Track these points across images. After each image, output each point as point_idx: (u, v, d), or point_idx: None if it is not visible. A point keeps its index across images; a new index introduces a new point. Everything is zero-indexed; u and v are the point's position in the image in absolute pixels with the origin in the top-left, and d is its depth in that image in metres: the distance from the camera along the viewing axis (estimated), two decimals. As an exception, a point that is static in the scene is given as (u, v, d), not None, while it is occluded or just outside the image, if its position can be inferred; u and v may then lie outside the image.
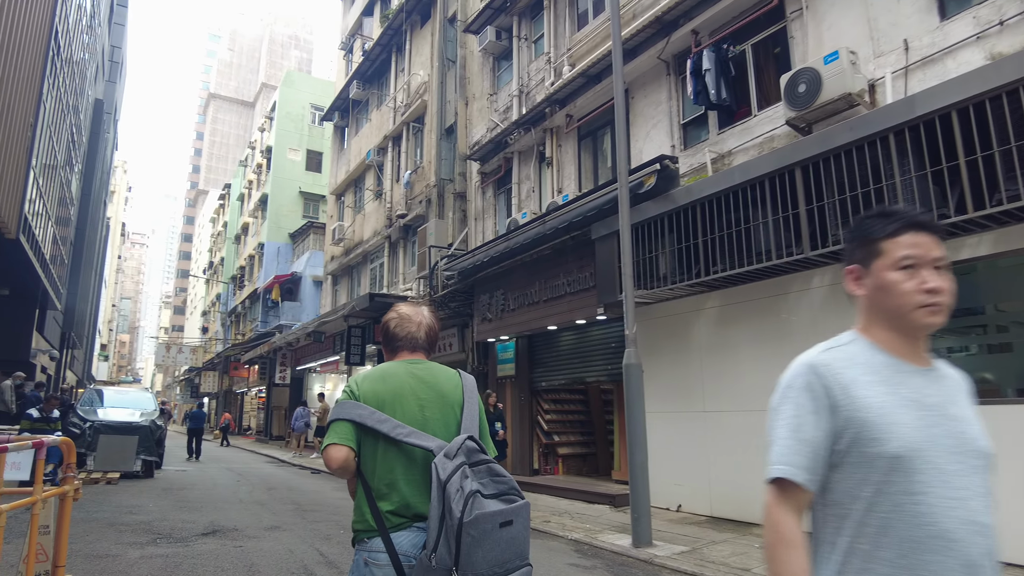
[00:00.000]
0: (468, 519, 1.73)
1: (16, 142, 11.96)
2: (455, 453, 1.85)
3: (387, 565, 1.87)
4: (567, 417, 11.95)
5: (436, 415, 2.01)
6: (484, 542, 1.75)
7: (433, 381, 2.07)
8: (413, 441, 1.91)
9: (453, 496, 1.76)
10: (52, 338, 23.60)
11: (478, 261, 12.05)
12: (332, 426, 1.95)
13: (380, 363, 2.75)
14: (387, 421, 1.94)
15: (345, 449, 1.90)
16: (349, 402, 1.98)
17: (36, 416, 10.02)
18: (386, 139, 20.45)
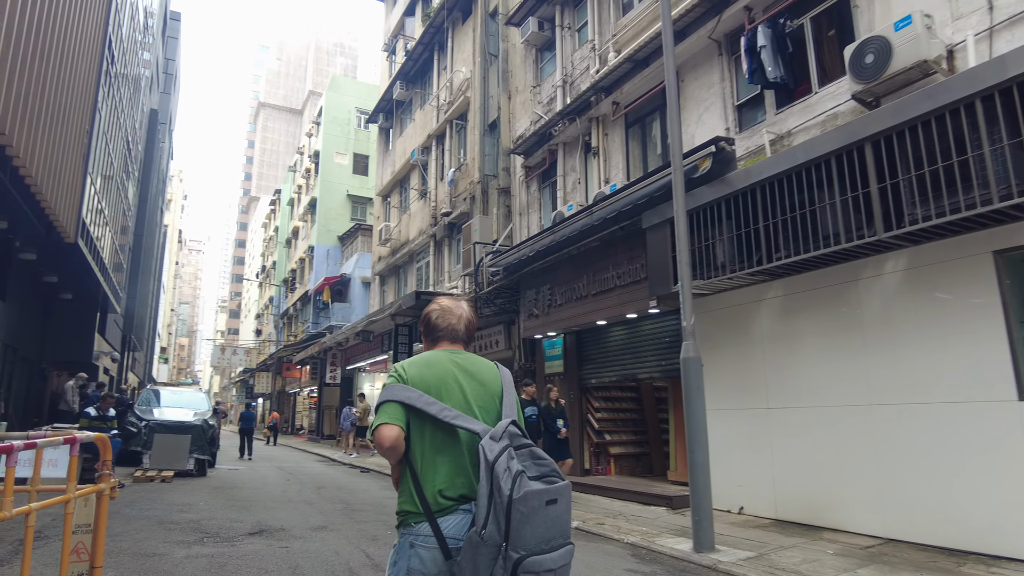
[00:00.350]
0: (517, 496, 1.80)
1: (73, 149, 12.27)
2: (500, 436, 1.92)
3: (433, 548, 1.93)
4: (619, 416, 11.55)
5: (478, 401, 2.08)
6: (532, 519, 1.81)
7: (474, 370, 2.16)
8: (460, 423, 1.98)
9: (501, 475, 1.83)
10: (113, 341, 24.41)
11: (523, 256, 11.76)
12: (382, 407, 2.01)
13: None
14: (435, 404, 2.00)
15: (396, 428, 1.96)
16: (397, 385, 2.04)
17: (93, 415, 10.21)
18: (430, 138, 20.38)
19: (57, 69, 10.57)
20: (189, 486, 10.61)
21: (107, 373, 23.80)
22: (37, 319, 17.35)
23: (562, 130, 12.91)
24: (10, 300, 14.68)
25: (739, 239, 7.82)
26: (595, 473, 11.12)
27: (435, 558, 1.93)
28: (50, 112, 10.51)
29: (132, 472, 11.22)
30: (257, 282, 63.24)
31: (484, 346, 15.08)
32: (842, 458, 7.05)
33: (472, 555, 1.86)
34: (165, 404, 14.91)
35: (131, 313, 27.56)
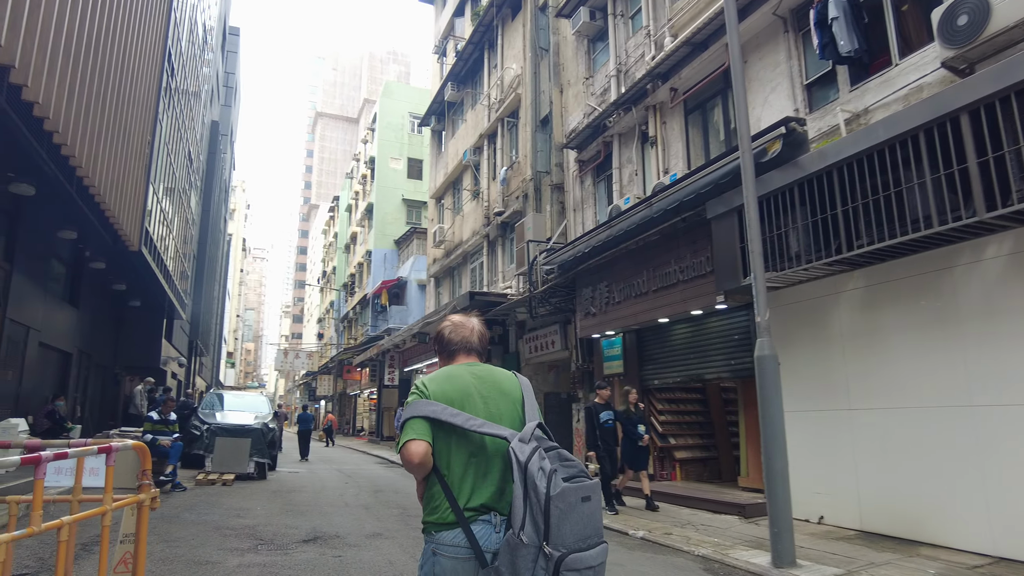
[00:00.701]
0: (555, 493, 1.81)
1: (135, 160, 12.56)
2: (529, 438, 1.95)
3: (454, 556, 1.96)
4: (684, 418, 10.98)
5: (499, 410, 2.10)
6: (571, 515, 1.82)
7: (492, 379, 2.17)
8: (487, 431, 1.99)
9: (536, 474, 1.84)
10: (180, 346, 25.22)
11: (579, 252, 11.35)
12: (408, 424, 2.02)
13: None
14: (459, 415, 2.01)
15: (424, 444, 1.97)
16: (421, 401, 2.05)
17: (156, 418, 10.36)
18: (481, 138, 20.19)
19: (118, 83, 10.80)
20: (248, 490, 10.65)
21: (175, 378, 24.60)
22: (109, 326, 18.01)
23: (617, 121, 12.44)
24: (83, 308, 15.23)
25: (814, 226, 7.21)
26: (660, 479, 10.59)
27: (455, 567, 1.96)
28: (112, 125, 10.74)
29: (195, 475, 11.36)
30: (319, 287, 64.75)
31: (539, 347, 14.73)
32: (939, 465, 6.36)
33: (511, 558, 1.85)
34: (227, 408, 15.16)
35: (196, 319, 28.46)
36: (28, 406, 12.32)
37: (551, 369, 15.75)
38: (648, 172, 11.80)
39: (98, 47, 9.46)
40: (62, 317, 13.92)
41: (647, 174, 11.88)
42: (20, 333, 11.63)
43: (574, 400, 13.33)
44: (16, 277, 11.12)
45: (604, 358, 11.71)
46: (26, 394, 12.12)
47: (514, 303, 14.25)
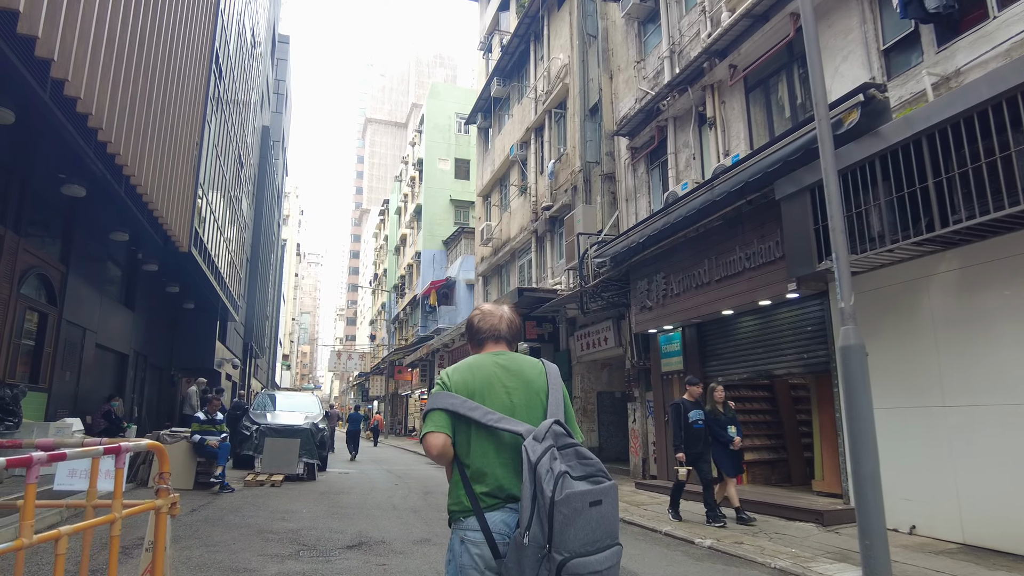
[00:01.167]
0: (559, 498, 1.78)
1: (183, 161, 12.57)
2: (543, 436, 1.92)
3: (481, 543, 1.96)
4: (750, 418, 10.23)
5: (522, 401, 2.09)
6: (576, 520, 1.80)
7: (517, 370, 2.16)
8: (503, 426, 2.00)
9: (544, 476, 1.82)
10: (235, 348, 25.61)
11: (632, 243, 10.74)
12: (428, 416, 2.07)
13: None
14: (478, 408, 2.02)
15: (442, 436, 2.02)
16: (442, 393, 2.08)
17: (203, 418, 10.26)
18: (528, 131, 19.73)
19: (164, 83, 10.77)
20: (296, 491, 10.45)
21: (229, 379, 24.99)
22: (164, 328, 18.30)
23: (672, 103, 11.78)
24: (139, 311, 15.44)
25: (899, 202, 6.46)
26: (724, 482, 9.88)
27: (483, 553, 1.96)
28: (159, 125, 10.72)
29: (244, 476, 11.25)
30: (370, 289, 65.53)
31: (591, 344, 14.15)
32: (1059, 470, 5.55)
33: (517, 557, 1.86)
34: (278, 408, 15.13)
35: (251, 322, 28.91)
36: (86, 406, 12.47)
37: (604, 367, 15.15)
38: (706, 155, 11.10)
39: (143, 45, 9.40)
40: (118, 319, 14.11)
41: (705, 158, 11.18)
42: (76, 334, 11.77)
43: (629, 399, 12.71)
44: (72, 279, 11.23)
45: (662, 355, 11.06)
46: (84, 394, 12.27)
47: (564, 299, 13.72)
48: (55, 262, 10.74)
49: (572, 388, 15.29)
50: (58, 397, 10.93)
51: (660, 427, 11.04)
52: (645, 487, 10.68)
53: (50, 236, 11.03)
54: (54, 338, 10.71)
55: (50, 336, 10.57)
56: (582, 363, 14.98)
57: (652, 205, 12.66)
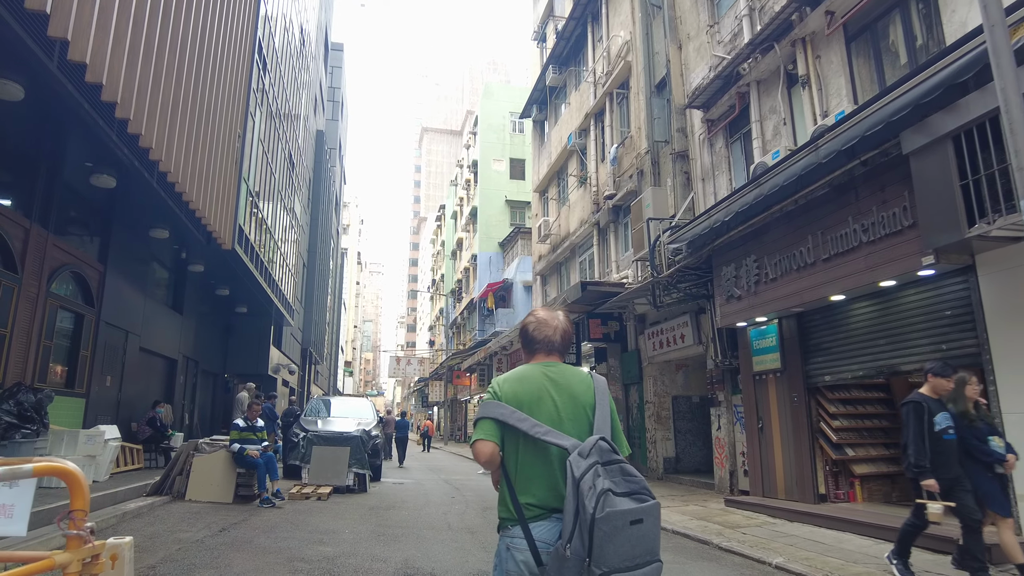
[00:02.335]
0: (600, 515, 1.82)
1: (224, 154, 11.89)
2: (588, 452, 1.96)
3: (525, 550, 2.01)
4: (864, 423, 8.64)
5: (569, 415, 2.14)
6: (615, 537, 1.83)
7: (565, 383, 2.20)
8: (549, 439, 2.05)
9: (586, 493, 1.86)
10: (292, 354, 25.22)
11: (715, 223, 9.32)
12: (479, 423, 2.15)
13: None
14: (526, 420, 2.09)
15: (491, 444, 2.09)
16: (492, 402, 2.17)
17: (243, 425, 9.43)
18: (587, 118, 18.46)
19: (199, 69, 10.07)
20: (343, 505, 9.49)
21: (287, 385, 24.61)
22: (217, 333, 17.87)
23: (754, 65, 10.33)
24: (188, 314, 14.94)
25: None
26: (834, 500, 8.34)
27: (527, 560, 2.01)
28: (195, 114, 10.02)
29: (290, 488, 10.38)
30: (429, 294, 65.37)
31: (665, 342, 12.73)
32: None
33: (558, 567, 1.90)
34: (329, 414, 14.35)
35: (309, 327, 28.59)
36: (131, 412, 11.93)
37: (679, 368, 13.68)
38: (800, 119, 9.60)
39: (174, 26, 8.67)
40: (165, 322, 13.60)
41: (797, 122, 9.68)
42: (117, 337, 11.20)
43: (712, 404, 11.23)
44: (111, 279, 10.66)
45: (753, 351, 9.57)
46: (128, 400, 11.71)
47: (633, 292, 12.36)
48: (92, 260, 10.17)
49: (643, 392, 13.88)
50: (98, 403, 10.35)
51: (753, 435, 9.55)
52: (737, 504, 9.21)
53: (87, 234, 10.50)
54: (91, 340, 10.14)
55: (86, 338, 9.99)
56: (654, 364, 13.56)
57: (733, 182, 11.19)
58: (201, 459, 9.35)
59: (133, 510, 7.61)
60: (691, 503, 9.94)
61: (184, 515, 7.83)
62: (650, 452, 13.40)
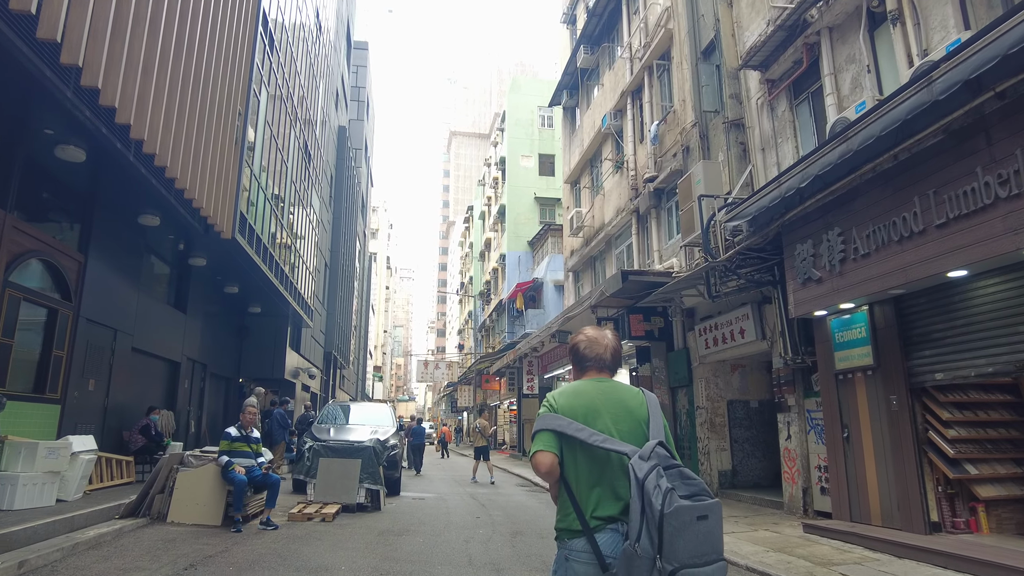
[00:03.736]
0: (668, 511, 1.89)
1: (222, 132, 10.71)
2: (649, 455, 2.03)
3: (586, 562, 2.09)
4: (987, 433, 6.94)
5: (624, 427, 2.21)
6: (684, 532, 1.89)
7: (619, 397, 2.28)
8: (609, 446, 2.13)
9: (652, 491, 1.92)
10: (313, 357, 24.12)
11: (786, 192, 7.72)
12: (537, 436, 2.22)
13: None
14: (584, 430, 2.16)
15: (551, 455, 2.16)
16: (550, 414, 2.23)
17: (234, 435, 8.12)
18: (623, 97, 16.94)
19: (189, 32, 8.89)
20: (349, 529, 8.12)
21: (307, 390, 23.50)
22: (229, 335, 16.76)
23: (825, 10, 8.73)
24: (192, 313, 13.82)
25: None
26: (951, 530, 6.68)
27: (587, 572, 2.08)
28: (182, 81, 8.83)
29: (290, 508, 9.06)
30: (458, 296, 64.30)
31: (720, 339, 11.13)
32: None
33: (627, 567, 1.95)
34: (342, 421, 13.09)
35: (332, 330, 27.50)
36: (122, 420, 10.77)
37: (735, 369, 12.04)
38: (888, 64, 7.96)
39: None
40: (165, 321, 12.47)
41: (884, 68, 8.05)
42: (103, 336, 10.04)
43: (780, 408, 9.59)
44: (93, 271, 9.50)
45: (835, 346, 7.93)
46: (117, 407, 10.55)
47: (682, 281, 10.79)
48: (68, 249, 9.01)
49: (693, 396, 12.28)
50: (76, 410, 9.18)
51: (835, 445, 7.92)
52: (820, 531, 7.58)
53: (64, 219, 9.37)
54: (68, 339, 8.97)
55: (61, 337, 8.82)
56: (706, 364, 11.95)
57: (801, 149, 9.58)
58: (186, 474, 8.08)
59: (91, 539, 6.34)
60: (759, 527, 8.34)
61: (154, 544, 6.54)
62: (703, 464, 11.78)
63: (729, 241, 9.66)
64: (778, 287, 9.28)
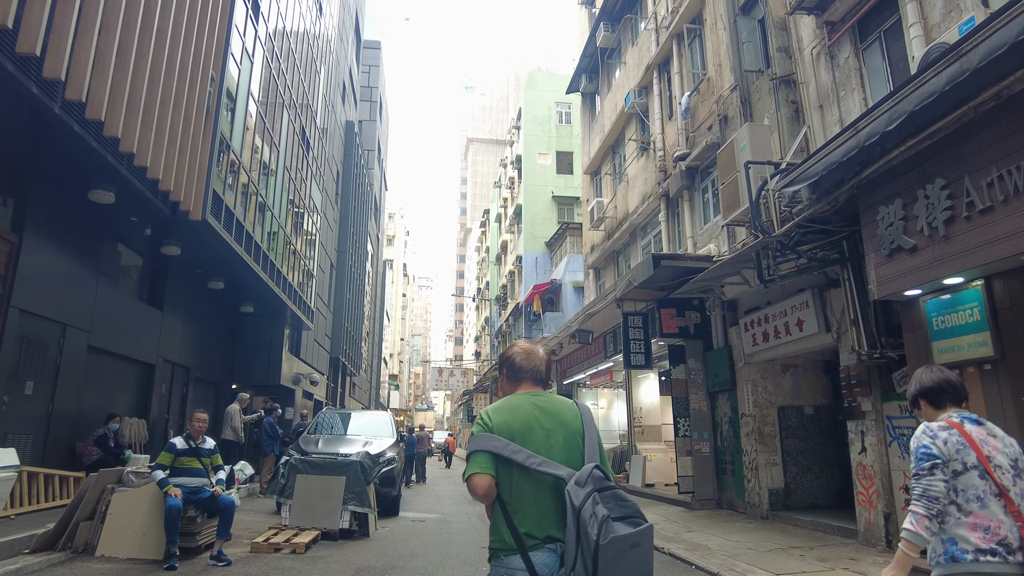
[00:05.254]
0: (604, 542, 1.91)
1: (191, 98, 9.31)
2: (585, 481, 2.04)
3: None
4: None
5: (560, 443, 2.21)
6: (618, 562, 1.91)
7: (555, 412, 2.28)
8: (545, 470, 2.11)
9: (588, 521, 1.93)
10: (317, 363, 22.70)
11: (867, 139, 6.03)
12: (472, 457, 2.17)
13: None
14: (520, 451, 2.13)
15: (487, 477, 2.12)
16: (484, 434, 2.19)
17: (181, 447, 6.61)
18: (648, 72, 15.35)
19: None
20: (321, 564, 6.56)
21: (309, 397, 22.07)
22: (218, 336, 15.36)
23: (905, -78, 7.08)
24: (171, 311, 12.41)
25: None
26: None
27: None
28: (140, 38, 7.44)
29: (258, 536, 7.52)
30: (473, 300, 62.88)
31: (771, 332, 9.44)
32: None
33: None
34: (339, 431, 11.63)
35: (339, 334, 26.10)
36: (76, 430, 9.35)
37: (785, 370, 10.32)
38: (998, -25, 6.28)
39: None
40: (134, 318, 11.07)
41: (992, -17, 6.36)
42: (47, 332, 8.61)
43: (852, 415, 7.85)
44: (31, 255, 8.08)
45: (933, 333, 6.21)
46: (68, 414, 9.12)
47: (725, 264, 9.11)
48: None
49: (736, 402, 10.57)
50: (5, 418, 7.75)
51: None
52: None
53: (-7, 193, 7.96)
54: (-6, 333, 7.54)
55: (-17, 330, 7.40)
56: (752, 365, 10.24)
57: (871, 99, 7.89)
58: (124, 496, 6.59)
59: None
60: (834, 564, 6.61)
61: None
62: (749, 482, 10.05)
63: (785, 212, 7.99)
64: (848, 265, 7.59)
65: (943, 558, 2.41)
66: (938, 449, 2.45)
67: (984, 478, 2.37)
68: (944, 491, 2.41)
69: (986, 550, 2.30)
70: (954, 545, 2.38)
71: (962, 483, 2.41)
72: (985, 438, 2.47)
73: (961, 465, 2.42)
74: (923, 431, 2.53)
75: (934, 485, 2.40)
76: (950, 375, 2.67)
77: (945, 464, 2.42)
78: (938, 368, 2.73)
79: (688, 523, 9.62)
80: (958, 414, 2.56)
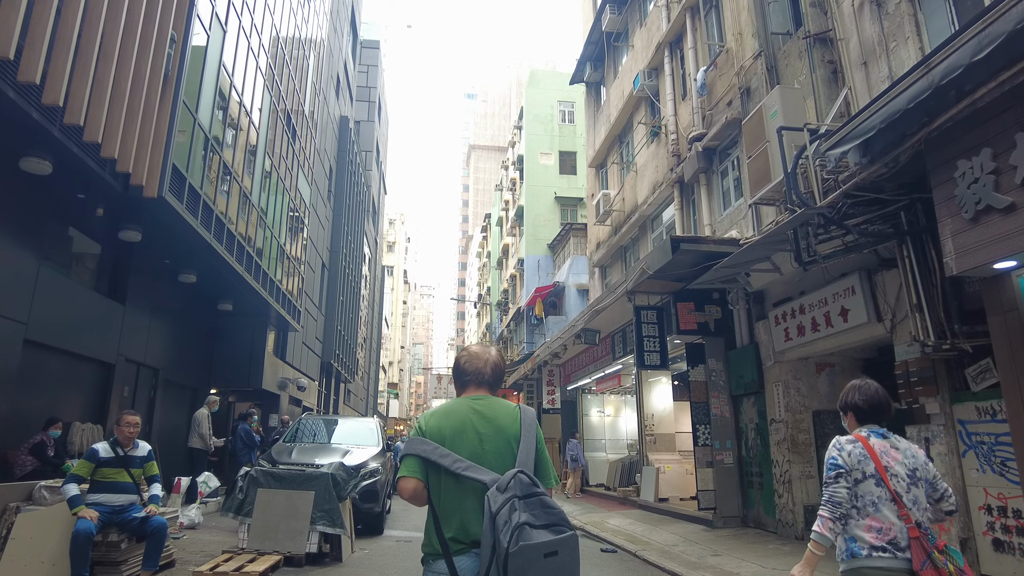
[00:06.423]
0: (513, 550, 1.86)
1: (144, 58, 8.18)
2: (506, 486, 2.00)
3: None
4: None
5: (493, 448, 2.18)
6: (529, 571, 1.85)
7: (492, 416, 2.25)
8: (469, 475, 2.09)
9: (501, 528, 1.90)
10: (307, 368, 21.50)
11: (941, 78, 4.86)
12: (404, 460, 2.20)
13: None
14: (448, 456, 2.13)
15: (414, 481, 2.15)
16: (416, 438, 2.21)
17: (104, 455, 5.41)
18: (659, 51, 14.25)
19: None
20: (272, 603, 5.35)
21: (299, 404, 20.85)
22: (194, 336, 14.17)
23: None
24: (134, 305, 11.24)
25: None
26: None
27: None
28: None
29: (208, 561, 6.30)
30: (475, 312, 61.70)
31: (811, 324, 8.23)
32: None
33: None
34: (323, 438, 10.50)
35: (331, 338, 24.92)
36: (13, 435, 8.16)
37: (820, 369, 9.09)
38: None
39: None
40: (90, 312, 9.90)
41: None
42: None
43: (911, 419, 6.62)
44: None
45: (1030, 315, 5.02)
46: (1, 419, 7.93)
47: (756, 246, 7.90)
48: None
49: (765, 406, 9.34)
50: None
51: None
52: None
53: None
54: None
55: None
56: (783, 364, 9.02)
57: (926, 48, 6.72)
58: (31, 517, 5.39)
59: None
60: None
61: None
62: (781, 497, 8.80)
63: (829, 181, 6.80)
64: (907, 240, 6.39)
65: (845, 554, 2.65)
66: (843, 460, 2.68)
67: (880, 485, 2.61)
68: (846, 497, 2.64)
69: (878, 547, 2.55)
70: (854, 543, 2.62)
71: (861, 490, 2.64)
72: (887, 450, 2.69)
73: (861, 474, 2.65)
74: (833, 444, 2.78)
75: (838, 492, 2.64)
76: (882, 397, 2.83)
77: (848, 473, 2.66)
78: (874, 387, 2.86)
79: (712, 544, 8.38)
80: (868, 429, 2.78)
